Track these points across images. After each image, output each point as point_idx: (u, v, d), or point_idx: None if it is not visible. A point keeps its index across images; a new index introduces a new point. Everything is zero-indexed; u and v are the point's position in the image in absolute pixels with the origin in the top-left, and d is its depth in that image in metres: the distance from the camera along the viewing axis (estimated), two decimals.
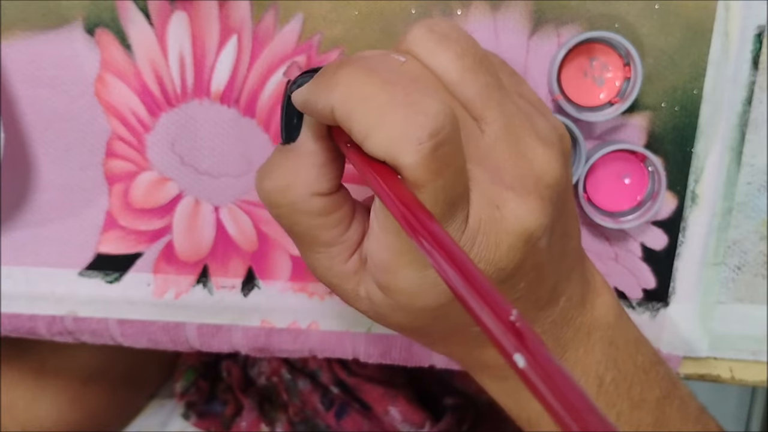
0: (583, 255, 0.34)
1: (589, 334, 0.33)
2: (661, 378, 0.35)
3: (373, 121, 0.24)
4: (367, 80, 0.25)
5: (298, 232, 0.30)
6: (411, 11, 0.38)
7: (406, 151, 0.24)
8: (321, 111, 0.26)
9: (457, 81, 0.27)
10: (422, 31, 0.28)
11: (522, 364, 0.18)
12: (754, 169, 0.40)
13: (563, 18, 0.38)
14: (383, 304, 0.29)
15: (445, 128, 0.24)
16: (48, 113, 0.39)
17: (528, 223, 0.27)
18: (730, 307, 0.42)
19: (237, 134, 0.39)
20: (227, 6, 0.38)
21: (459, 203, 0.26)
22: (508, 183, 0.27)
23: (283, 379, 0.64)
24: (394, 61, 0.27)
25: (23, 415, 0.54)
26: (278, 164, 0.29)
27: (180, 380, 0.65)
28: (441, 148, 0.24)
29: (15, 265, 0.41)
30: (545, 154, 0.28)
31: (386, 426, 0.61)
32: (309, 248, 0.30)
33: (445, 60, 0.27)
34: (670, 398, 0.35)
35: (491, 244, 0.27)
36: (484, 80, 0.28)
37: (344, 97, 0.25)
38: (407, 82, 0.25)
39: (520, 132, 0.28)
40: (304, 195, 0.29)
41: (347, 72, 0.26)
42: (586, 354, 0.33)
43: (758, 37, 0.38)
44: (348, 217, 0.30)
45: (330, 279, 0.31)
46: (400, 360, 0.44)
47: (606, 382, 0.33)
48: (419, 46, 0.28)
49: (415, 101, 0.25)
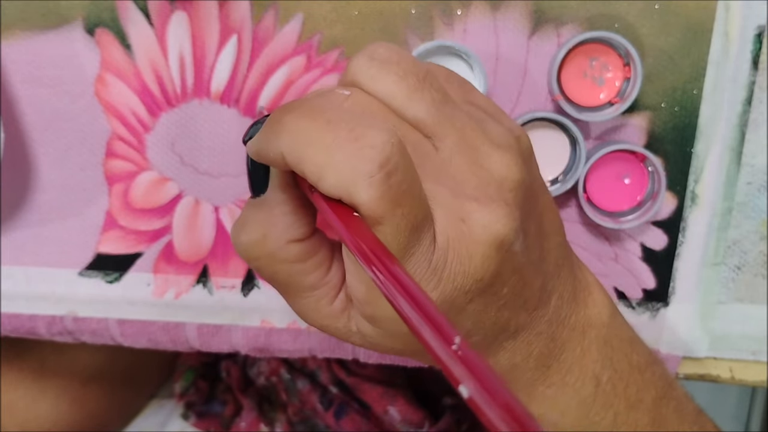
0: (570, 251, 0.34)
1: (584, 333, 0.33)
2: (657, 378, 0.35)
3: (321, 162, 0.25)
4: (312, 123, 0.25)
5: (281, 280, 0.30)
6: (411, 11, 0.38)
7: (359, 186, 0.24)
8: (273, 159, 0.26)
9: (404, 103, 0.27)
10: (362, 60, 0.28)
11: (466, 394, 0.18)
12: (754, 169, 0.40)
13: (563, 18, 0.38)
14: (374, 334, 0.30)
15: (393, 157, 0.24)
16: (48, 113, 0.39)
17: (496, 230, 0.27)
18: (730, 307, 0.42)
19: (237, 134, 0.39)
20: (227, 6, 0.38)
21: (423, 226, 0.26)
22: (470, 194, 0.27)
23: (282, 379, 0.64)
24: (339, 96, 0.27)
25: (23, 415, 0.54)
26: (251, 217, 0.30)
27: (179, 380, 0.65)
28: (393, 177, 0.24)
29: (15, 265, 0.41)
30: (503, 158, 0.28)
31: (385, 426, 0.61)
32: (294, 295, 0.31)
33: (388, 85, 0.27)
34: (667, 399, 0.35)
35: (464, 257, 0.27)
36: (429, 97, 0.28)
37: (291, 143, 0.25)
38: (351, 117, 0.26)
39: (474, 142, 0.28)
40: (280, 244, 0.29)
41: (291, 118, 0.26)
42: (583, 354, 0.33)
43: (758, 37, 0.38)
44: (327, 260, 0.30)
45: (320, 321, 0.31)
46: (400, 360, 0.44)
47: (603, 381, 0.33)
48: (362, 76, 0.28)
49: (359, 135, 0.25)
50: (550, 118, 0.38)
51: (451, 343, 0.20)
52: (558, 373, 0.33)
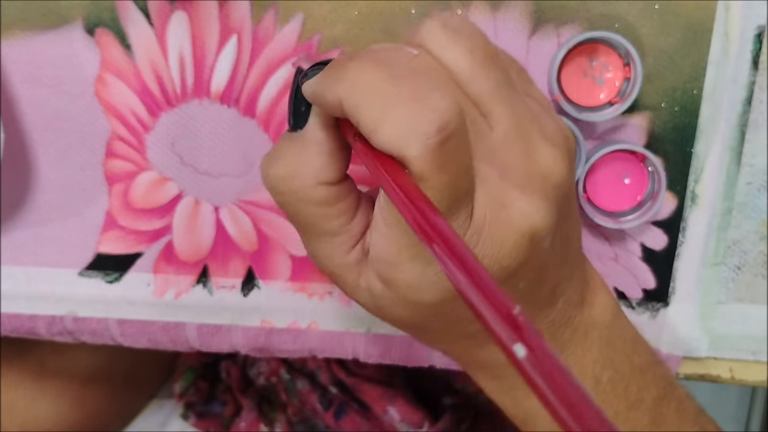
0: (584, 257, 0.34)
1: (586, 333, 0.33)
2: (658, 378, 0.35)
3: (380, 114, 0.25)
4: (376, 74, 0.25)
5: (302, 220, 0.30)
6: (411, 11, 0.38)
7: (413, 144, 0.24)
8: (330, 103, 0.26)
9: (468, 76, 0.27)
10: (435, 25, 0.28)
11: (522, 354, 0.18)
12: (754, 169, 0.40)
13: (563, 18, 0.38)
14: (384, 296, 0.29)
15: (452, 124, 0.24)
16: (48, 113, 0.39)
17: (534, 221, 0.27)
18: (730, 307, 0.42)
19: (237, 134, 0.39)
20: (227, 6, 0.38)
21: (464, 199, 0.26)
22: (515, 181, 0.27)
23: (282, 380, 0.64)
24: (406, 54, 0.27)
25: (23, 415, 0.54)
26: (285, 151, 0.29)
27: (179, 381, 0.65)
28: (447, 143, 0.24)
29: (15, 265, 0.41)
30: (552, 154, 0.28)
31: (385, 426, 0.61)
32: (312, 237, 0.30)
33: (456, 55, 0.27)
34: (668, 399, 0.35)
35: (496, 241, 0.27)
36: (494, 77, 0.28)
37: (353, 90, 0.25)
38: (417, 76, 0.26)
39: (528, 131, 0.28)
40: (309, 183, 0.29)
41: (357, 65, 0.26)
42: (584, 354, 0.33)
43: (758, 37, 0.38)
44: (353, 208, 0.30)
45: (332, 269, 0.31)
46: (400, 360, 0.44)
47: (603, 381, 0.33)
48: (432, 40, 0.28)
49: (423, 96, 0.25)
50: None
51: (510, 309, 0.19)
52: None
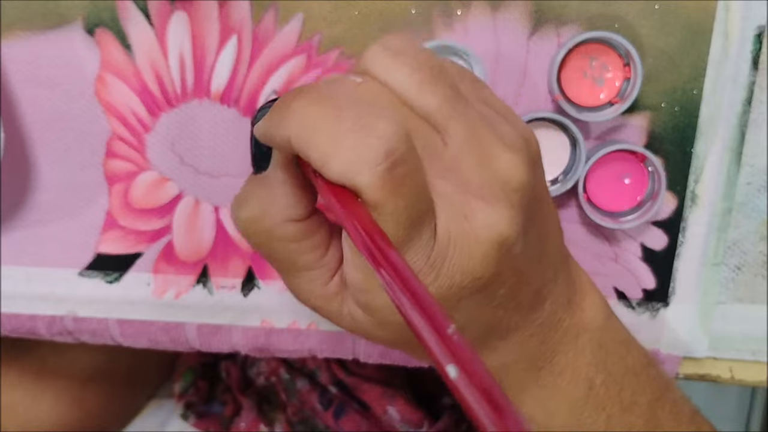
0: (567, 255, 0.34)
1: (577, 336, 0.33)
2: (652, 380, 0.35)
3: (328, 149, 0.25)
4: (320, 108, 0.25)
5: (277, 258, 0.31)
6: (411, 11, 0.38)
7: (363, 174, 0.24)
8: (279, 143, 0.27)
9: (415, 96, 0.27)
10: (377, 49, 0.28)
11: (454, 374, 0.19)
12: (754, 169, 0.40)
13: (563, 18, 0.38)
14: (365, 321, 0.30)
15: (399, 148, 0.25)
16: (48, 113, 0.39)
17: (499, 230, 0.27)
18: (730, 307, 0.42)
19: (237, 134, 0.39)
20: (227, 6, 0.38)
21: (423, 220, 0.26)
22: (476, 192, 0.27)
23: (282, 379, 0.64)
24: (350, 83, 0.27)
25: (23, 415, 0.54)
26: (251, 194, 0.30)
27: (179, 381, 0.65)
28: (397, 168, 0.25)
29: (15, 265, 0.41)
30: (511, 159, 0.28)
31: (385, 426, 0.61)
32: (289, 273, 0.31)
33: (401, 76, 0.27)
34: (662, 401, 0.35)
35: (464, 255, 0.27)
36: (442, 92, 0.27)
37: (299, 128, 0.26)
38: (360, 106, 0.26)
39: (483, 140, 0.28)
40: (278, 222, 0.29)
41: (300, 103, 0.26)
42: (576, 357, 0.33)
43: (758, 37, 0.38)
44: (325, 241, 0.31)
45: (313, 302, 0.31)
46: (400, 360, 0.44)
47: (596, 384, 0.33)
48: (375, 65, 0.28)
49: (367, 124, 0.25)
50: (550, 118, 0.38)
51: (445, 329, 0.20)
52: (550, 375, 0.33)
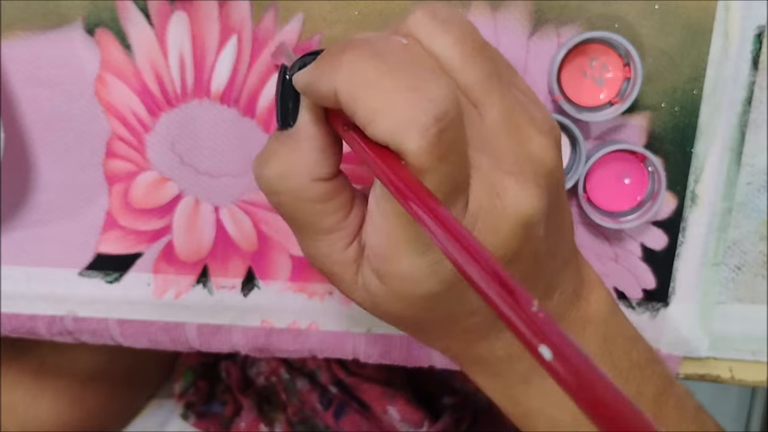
0: (576, 251, 0.34)
1: (584, 329, 0.33)
2: (657, 375, 0.35)
3: (378, 105, 0.24)
4: (372, 64, 0.25)
5: (299, 219, 0.30)
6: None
7: (412, 135, 0.24)
8: (324, 94, 0.26)
9: (458, 66, 0.27)
10: (424, 14, 0.28)
11: (549, 356, 0.17)
12: (754, 169, 0.40)
13: (563, 18, 0.38)
14: (380, 292, 0.29)
15: (449, 113, 0.24)
16: (48, 113, 0.39)
17: (527, 208, 0.27)
18: (730, 307, 0.42)
19: (237, 134, 0.39)
20: (227, 6, 0.38)
21: (460, 189, 0.26)
22: (508, 169, 0.27)
23: (282, 379, 0.64)
24: (397, 43, 0.27)
25: (23, 415, 0.54)
26: (276, 151, 0.29)
27: (179, 381, 0.65)
28: (446, 133, 0.24)
29: (15, 265, 0.41)
30: (542, 142, 0.28)
31: (385, 425, 0.61)
32: (309, 236, 0.30)
33: (446, 44, 0.27)
34: (666, 395, 0.35)
35: (490, 230, 0.27)
36: (483, 67, 0.27)
37: (349, 80, 0.25)
38: (412, 66, 0.25)
39: (518, 120, 0.28)
40: (304, 181, 0.28)
41: (352, 55, 0.25)
42: None
43: (758, 37, 0.38)
44: (348, 204, 0.30)
45: (330, 267, 0.31)
46: (400, 360, 0.44)
47: None
48: (420, 30, 0.27)
49: (420, 86, 0.24)
50: None
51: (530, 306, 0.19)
52: None
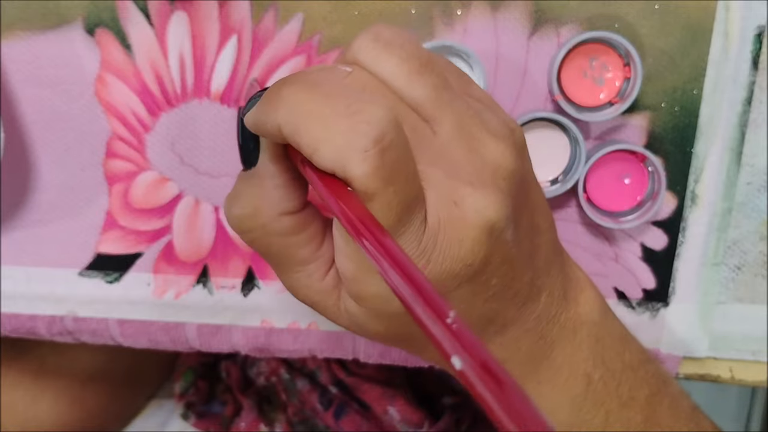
0: (561, 250, 0.34)
1: (575, 331, 0.33)
2: (650, 376, 0.35)
3: (317, 135, 0.25)
4: (310, 95, 0.26)
5: (273, 253, 0.31)
6: (411, 11, 0.38)
7: (353, 161, 0.24)
8: (270, 130, 0.27)
9: (404, 85, 0.28)
10: (366, 39, 0.28)
11: (459, 365, 0.19)
12: (754, 169, 0.40)
13: (563, 18, 0.38)
14: (359, 314, 0.30)
15: (389, 134, 0.25)
16: (48, 113, 0.39)
17: (488, 215, 0.27)
18: (730, 307, 0.42)
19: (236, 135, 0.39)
20: (227, 6, 0.38)
21: (414, 206, 0.26)
22: (464, 178, 0.27)
23: (282, 379, 0.64)
24: (340, 72, 0.28)
25: (23, 415, 0.54)
26: (243, 190, 0.30)
27: (179, 381, 0.65)
28: (387, 154, 0.25)
29: (15, 265, 0.41)
30: (498, 147, 0.28)
31: (385, 426, 0.61)
32: (286, 269, 0.31)
33: (390, 66, 0.28)
34: (660, 396, 0.35)
35: (454, 241, 0.27)
36: (431, 82, 0.28)
37: (289, 114, 0.26)
38: (350, 93, 0.26)
39: (471, 128, 0.28)
40: (272, 216, 0.29)
41: (290, 90, 0.26)
42: (573, 352, 0.33)
43: (758, 37, 0.38)
44: (320, 233, 0.31)
45: (311, 297, 0.31)
46: (400, 360, 0.44)
47: (594, 380, 0.33)
48: (364, 55, 0.28)
49: (357, 110, 0.25)
50: (550, 118, 0.38)
51: (445, 317, 0.20)
52: (548, 371, 0.33)
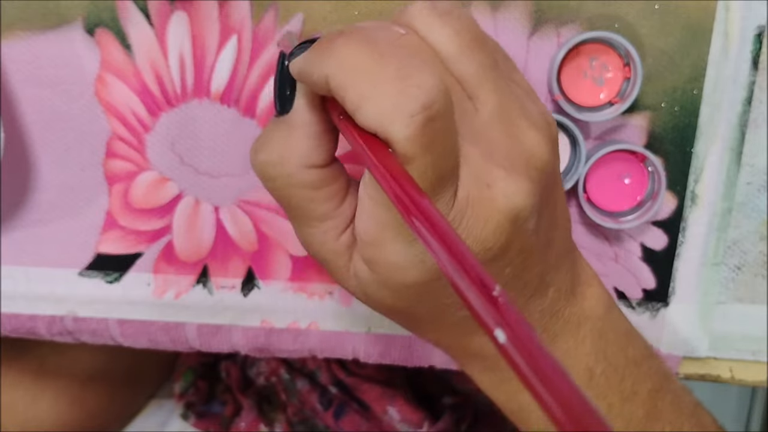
0: (573, 247, 0.34)
1: (579, 326, 0.33)
2: (653, 372, 0.35)
3: (365, 92, 0.24)
4: (363, 51, 0.25)
5: (292, 205, 0.30)
6: None
7: (398, 123, 0.24)
8: (316, 80, 0.26)
9: (455, 57, 0.27)
10: (423, 6, 0.28)
11: (502, 339, 0.18)
12: (754, 169, 0.40)
13: (563, 18, 0.38)
14: (370, 280, 0.29)
15: (437, 102, 0.24)
16: (48, 113, 0.39)
17: (517, 202, 0.27)
18: (730, 307, 0.42)
19: (237, 134, 0.39)
20: (227, 6, 0.38)
21: (448, 179, 0.26)
22: (499, 162, 0.27)
23: (282, 380, 0.64)
24: (394, 32, 0.27)
25: (23, 415, 0.54)
26: (272, 136, 0.29)
27: (179, 381, 0.65)
28: (432, 123, 0.24)
29: (15, 265, 0.41)
30: (536, 136, 0.28)
31: (385, 426, 0.61)
32: (303, 222, 0.30)
33: (443, 36, 0.27)
34: (663, 392, 0.35)
35: (479, 221, 0.27)
36: (481, 59, 0.28)
37: (339, 66, 0.25)
38: (403, 55, 0.25)
39: (512, 113, 0.28)
40: (298, 167, 0.29)
41: (344, 42, 0.26)
42: (576, 346, 0.33)
43: (758, 37, 0.38)
44: (342, 191, 0.30)
45: (323, 254, 0.31)
46: (400, 360, 0.44)
47: (596, 374, 0.33)
48: (419, 20, 0.28)
49: (409, 74, 0.25)
50: None
51: (491, 289, 0.19)
52: None
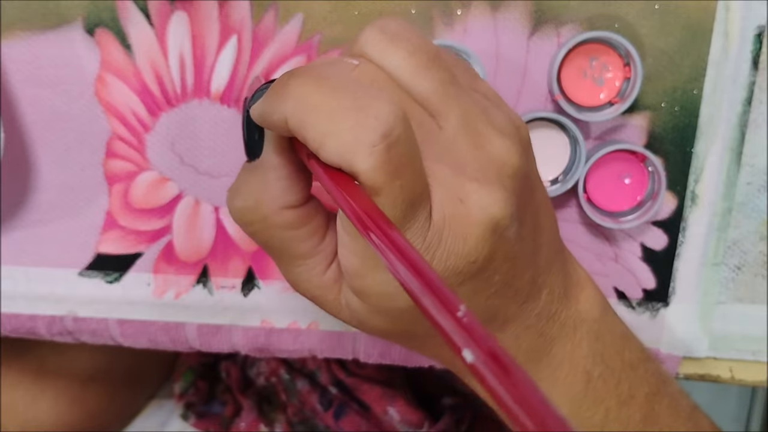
0: (563, 248, 0.34)
1: (575, 329, 0.33)
2: (650, 375, 0.35)
3: (324, 128, 0.25)
4: (317, 88, 0.25)
5: (274, 247, 0.30)
6: (411, 11, 0.38)
7: (360, 155, 0.24)
8: (276, 123, 0.26)
9: (411, 79, 0.27)
10: (373, 32, 0.28)
11: (470, 358, 0.18)
12: (754, 169, 0.40)
13: (563, 18, 0.38)
14: (361, 310, 0.30)
15: (396, 129, 0.24)
16: (48, 113, 0.39)
17: (493, 212, 0.27)
18: (730, 307, 0.42)
19: (237, 134, 0.39)
20: (227, 6, 0.38)
21: (419, 202, 0.26)
22: (470, 175, 0.27)
23: (282, 380, 0.64)
24: (347, 65, 0.27)
25: (23, 415, 0.54)
26: (245, 182, 0.30)
27: (179, 381, 0.65)
28: (394, 150, 0.24)
29: (15, 265, 0.41)
30: (504, 144, 0.28)
31: (385, 426, 0.61)
32: (287, 262, 0.31)
33: (397, 59, 0.27)
34: (660, 395, 0.35)
35: (459, 237, 0.27)
36: (437, 76, 0.28)
37: (295, 107, 0.25)
38: (358, 86, 0.26)
39: (477, 124, 0.28)
40: (274, 209, 0.29)
41: (297, 83, 0.26)
42: (573, 349, 0.33)
43: (758, 37, 0.38)
44: (322, 228, 0.30)
45: (312, 292, 0.31)
46: (400, 360, 0.44)
47: (594, 377, 0.33)
48: (370, 47, 0.28)
49: (365, 105, 0.25)
50: (550, 118, 0.38)
51: (456, 310, 0.20)
52: (548, 368, 0.33)
